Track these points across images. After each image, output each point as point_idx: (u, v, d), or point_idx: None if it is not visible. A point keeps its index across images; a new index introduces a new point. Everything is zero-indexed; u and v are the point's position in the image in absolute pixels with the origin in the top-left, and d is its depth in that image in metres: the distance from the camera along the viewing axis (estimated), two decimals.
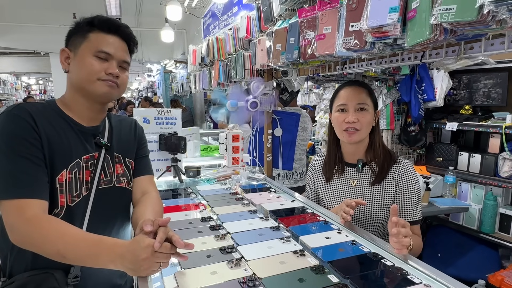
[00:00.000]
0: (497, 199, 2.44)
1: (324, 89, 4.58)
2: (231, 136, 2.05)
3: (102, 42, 1.04)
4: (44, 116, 1.01)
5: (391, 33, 1.05)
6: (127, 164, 1.19)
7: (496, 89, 2.54)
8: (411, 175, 1.34)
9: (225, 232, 1.19)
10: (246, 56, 2.66)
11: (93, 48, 1.03)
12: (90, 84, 1.04)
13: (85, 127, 1.08)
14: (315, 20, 1.51)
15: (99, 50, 1.03)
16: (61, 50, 1.07)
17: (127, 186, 1.18)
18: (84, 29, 1.05)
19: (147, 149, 1.31)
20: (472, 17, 0.80)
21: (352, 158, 1.43)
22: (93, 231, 1.02)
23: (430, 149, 2.92)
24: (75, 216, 1.02)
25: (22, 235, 0.90)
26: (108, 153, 1.13)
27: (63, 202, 1.00)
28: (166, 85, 8.45)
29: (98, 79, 1.04)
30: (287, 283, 0.89)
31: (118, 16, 6.17)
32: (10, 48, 11.12)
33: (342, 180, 1.45)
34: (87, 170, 1.06)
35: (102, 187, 1.09)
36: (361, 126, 1.34)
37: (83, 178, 1.05)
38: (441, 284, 0.89)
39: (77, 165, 1.03)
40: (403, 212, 1.32)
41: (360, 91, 1.36)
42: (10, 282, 0.97)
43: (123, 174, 1.17)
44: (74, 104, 1.08)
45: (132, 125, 1.27)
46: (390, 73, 2.82)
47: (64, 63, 1.07)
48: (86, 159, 1.06)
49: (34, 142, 0.95)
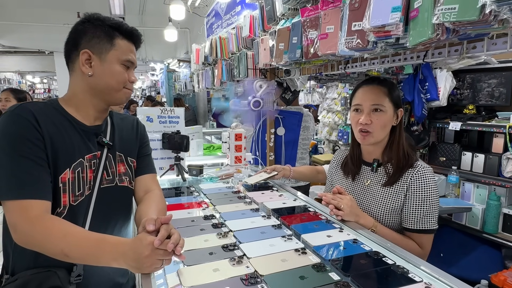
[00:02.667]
0: (501, 199, 2.43)
1: (327, 88, 4.58)
2: (234, 134, 2.06)
3: (127, 51, 1.07)
4: (46, 116, 1.00)
5: (393, 32, 1.05)
6: (129, 163, 1.19)
7: (500, 89, 2.53)
8: (425, 181, 1.25)
9: (228, 230, 1.20)
10: (249, 55, 2.67)
11: (121, 56, 1.06)
12: (117, 92, 1.08)
13: (88, 126, 1.08)
14: (317, 19, 1.51)
15: (127, 60, 1.07)
16: (83, 51, 1.02)
17: (129, 185, 1.18)
18: (109, 34, 1.04)
19: (149, 148, 1.32)
20: (474, 16, 0.81)
21: (369, 157, 1.39)
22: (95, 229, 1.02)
23: (433, 149, 2.91)
24: (78, 215, 1.03)
25: (25, 235, 0.91)
26: (111, 152, 1.13)
27: (66, 202, 1.01)
28: (169, 84, 8.47)
29: (124, 87, 1.09)
30: (288, 281, 0.89)
31: (122, 15, 6.19)
32: (14, 47, 11.19)
33: (357, 178, 1.43)
34: (90, 169, 1.06)
35: (105, 186, 1.10)
36: (373, 129, 1.28)
37: (86, 177, 1.05)
38: (443, 284, 0.89)
39: (80, 164, 1.04)
40: (408, 218, 1.26)
41: (377, 90, 1.29)
42: (13, 279, 0.98)
43: (125, 173, 1.17)
44: (83, 104, 1.08)
45: (134, 123, 1.28)
46: (393, 72, 2.81)
47: (85, 65, 1.04)
48: (89, 158, 1.06)
49: (37, 143, 0.95)
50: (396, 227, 1.32)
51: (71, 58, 1.07)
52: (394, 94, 1.31)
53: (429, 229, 1.24)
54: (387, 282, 0.89)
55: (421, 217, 1.24)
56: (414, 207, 1.25)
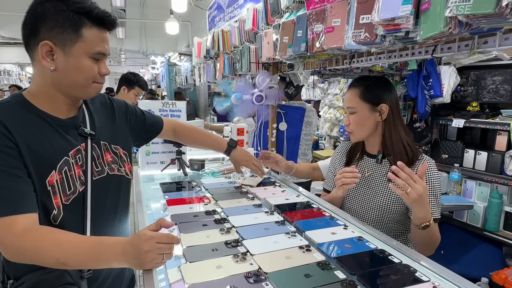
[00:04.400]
0: (503, 197, 2.42)
1: (329, 83, 4.55)
2: (236, 129, 2.03)
3: (98, 41, 0.94)
4: (15, 119, 0.90)
5: (403, 26, 1.02)
6: (114, 150, 1.12)
7: (505, 86, 2.50)
8: (430, 171, 1.29)
9: (230, 226, 1.19)
10: (252, 49, 2.63)
11: (90, 49, 0.92)
12: (85, 88, 0.97)
13: (63, 120, 0.99)
14: (323, 12, 1.48)
15: (97, 52, 0.94)
16: (42, 43, 0.88)
17: (118, 172, 1.11)
18: (75, 23, 0.89)
19: (139, 112, 1.30)
20: (490, 9, 0.78)
21: (372, 149, 1.44)
22: (97, 223, 1.00)
23: (435, 146, 2.89)
24: (75, 213, 0.98)
25: (15, 251, 0.86)
26: (95, 141, 1.05)
27: (58, 203, 0.95)
28: (170, 77, 8.41)
29: (93, 82, 0.97)
30: (293, 279, 0.88)
31: (123, 7, 6.14)
32: (14, 38, 11.11)
33: (359, 168, 1.45)
34: (77, 165, 0.99)
35: (97, 178, 1.04)
36: (352, 129, 1.40)
37: (75, 174, 0.98)
38: (451, 283, 0.88)
39: (65, 163, 0.96)
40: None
41: (350, 93, 1.40)
42: (19, 283, 0.92)
43: (113, 161, 1.11)
44: (49, 99, 0.97)
45: (108, 104, 1.18)
46: (397, 68, 2.78)
47: (46, 58, 0.90)
48: (74, 154, 0.98)
49: (10, 152, 0.86)
50: (397, 218, 1.35)
51: (30, 46, 0.92)
52: (368, 93, 1.35)
53: (435, 218, 1.27)
54: (394, 282, 0.87)
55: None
56: None
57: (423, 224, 1.17)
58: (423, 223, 1.17)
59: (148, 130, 1.36)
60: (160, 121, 1.43)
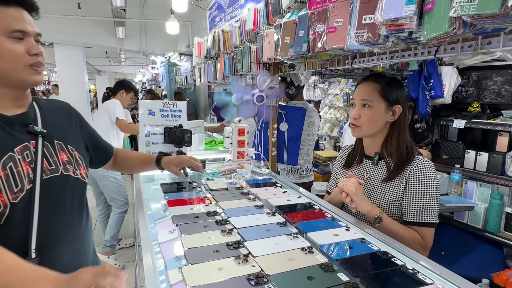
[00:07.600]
0: (503, 198, 2.41)
1: (329, 84, 4.54)
2: (237, 130, 2.03)
3: (13, 19, 0.88)
4: None
5: (406, 26, 1.01)
6: (70, 151, 1.08)
7: (506, 87, 2.50)
8: (424, 174, 1.25)
9: (232, 227, 1.18)
10: (253, 49, 2.62)
11: (6, 27, 0.87)
12: (17, 73, 0.92)
13: (9, 117, 0.95)
14: (325, 12, 1.47)
15: (13, 30, 0.88)
16: None
17: (73, 174, 1.06)
18: None
19: (91, 128, 1.26)
20: (496, 9, 0.77)
21: (370, 151, 1.42)
22: (46, 225, 0.94)
23: (436, 147, 2.89)
24: (23, 213, 0.92)
25: None
26: (47, 140, 1.02)
27: (4, 201, 0.89)
28: (170, 77, 8.40)
29: (25, 66, 0.92)
30: (296, 281, 0.87)
31: (123, 7, 6.12)
32: None
33: (358, 170, 1.45)
34: (25, 161, 0.94)
35: (49, 176, 0.99)
36: (361, 123, 1.33)
37: (22, 171, 0.93)
38: (451, 284, 0.87)
39: (10, 159, 0.91)
40: (408, 211, 1.26)
41: (369, 86, 1.33)
42: None
43: (69, 162, 1.06)
44: None
45: (66, 110, 1.17)
46: (398, 68, 2.78)
47: None
48: (20, 150, 0.94)
49: None
50: (396, 219, 1.32)
51: None
52: (388, 91, 1.31)
53: (430, 223, 1.24)
54: (398, 284, 0.86)
55: (421, 210, 1.25)
56: (414, 200, 1.26)
57: (373, 217, 1.21)
58: (372, 217, 1.21)
59: (96, 148, 1.28)
60: (112, 148, 1.38)
